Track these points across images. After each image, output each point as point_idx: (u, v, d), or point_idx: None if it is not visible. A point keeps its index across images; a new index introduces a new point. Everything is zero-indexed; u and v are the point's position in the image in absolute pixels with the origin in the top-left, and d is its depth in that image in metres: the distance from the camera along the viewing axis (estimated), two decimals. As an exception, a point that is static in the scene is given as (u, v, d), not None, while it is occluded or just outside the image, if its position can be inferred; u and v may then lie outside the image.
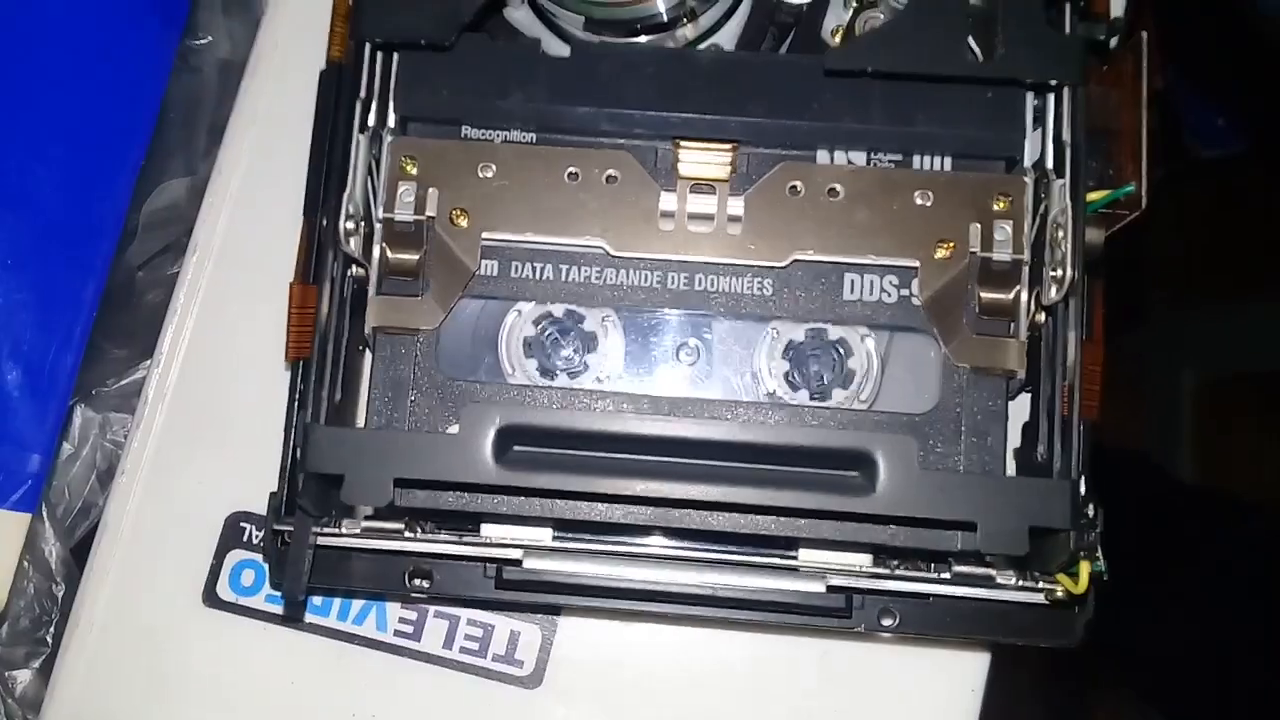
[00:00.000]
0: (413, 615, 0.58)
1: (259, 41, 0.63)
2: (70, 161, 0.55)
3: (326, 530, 0.50)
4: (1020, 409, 0.51)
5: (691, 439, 0.46)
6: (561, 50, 0.52)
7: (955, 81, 0.48)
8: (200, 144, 0.64)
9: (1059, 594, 0.49)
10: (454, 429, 0.46)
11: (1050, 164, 0.49)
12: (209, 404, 0.60)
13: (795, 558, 0.50)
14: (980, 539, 0.44)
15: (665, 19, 0.53)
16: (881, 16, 0.51)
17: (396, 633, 0.58)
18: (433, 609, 0.58)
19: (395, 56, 0.51)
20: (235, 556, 0.59)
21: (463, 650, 0.58)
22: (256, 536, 0.59)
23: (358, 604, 0.58)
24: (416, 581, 0.52)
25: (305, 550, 0.48)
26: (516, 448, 0.46)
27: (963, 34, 0.48)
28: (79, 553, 0.64)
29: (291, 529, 0.48)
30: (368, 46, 0.49)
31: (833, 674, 0.57)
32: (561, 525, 0.50)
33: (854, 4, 0.53)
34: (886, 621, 0.51)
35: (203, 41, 0.66)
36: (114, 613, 0.59)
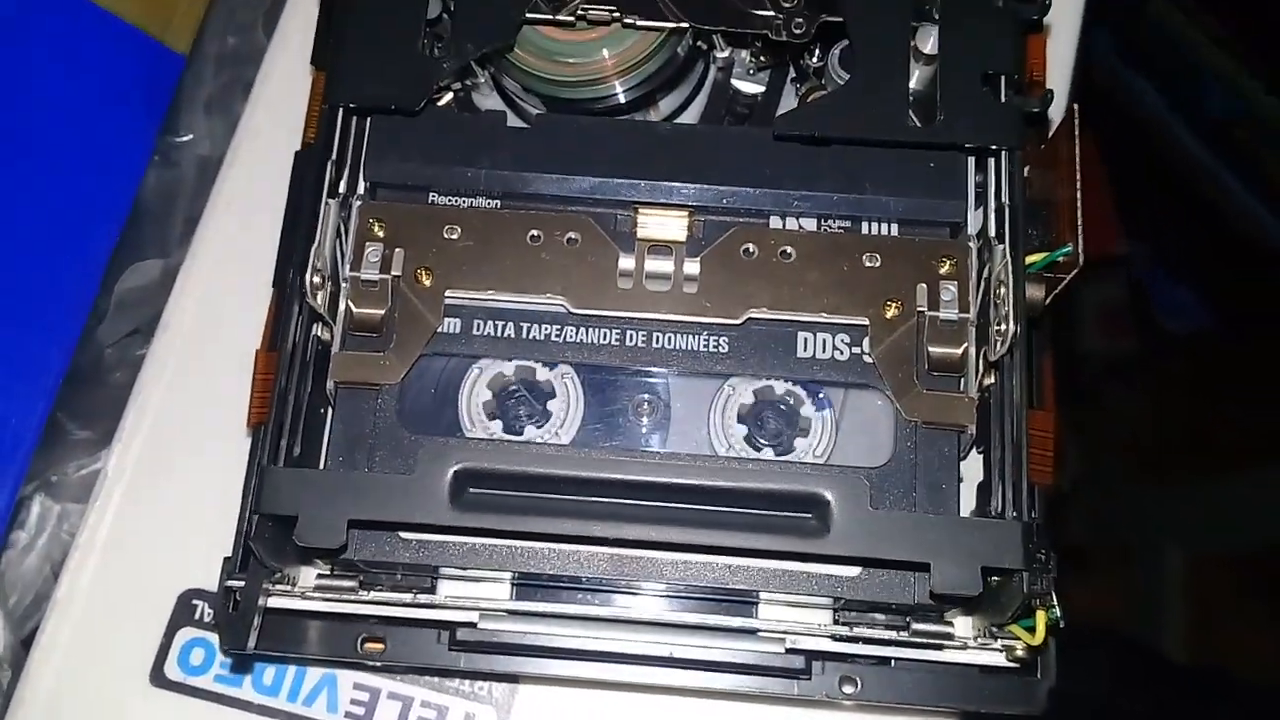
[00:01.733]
0: (365, 696, 0.57)
1: (238, 133, 0.66)
2: (46, 237, 0.57)
3: (279, 588, 0.49)
4: (975, 473, 0.52)
5: (647, 482, 0.46)
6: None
7: (897, 146, 0.51)
8: (175, 233, 0.66)
9: (1019, 651, 0.48)
10: (412, 477, 0.46)
11: (993, 232, 0.51)
12: (169, 481, 0.60)
13: (754, 617, 0.50)
14: (934, 579, 0.44)
15: (623, 101, 0.55)
16: (829, 94, 0.54)
17: (348, 714, 0.56)
18: (386, 689, 0.57)
19: (367, 124, 0.53)
20: (186, 634, 0.58)
21: (416, 732, 0.56)
22: (209, 614, 0.58)
23: (309, 683, 0.57)
24: (369, 648, 0.51)
25: (255, 602, 0.47)
26: (473, 490, 0.46)
27: (903, 103, 0.50)
28: (29, 645, 0.63)
29: (243, 584, 0.48)
30: (340, 112, 0.51)
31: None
32: (519, 581, 0.50)
33: (803, 89, 0.56)
34: (848, 689, 0.51)
35: (184, 139, 0.69)
36: (59, 690, 0.57)
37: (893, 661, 0.51)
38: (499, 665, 0.51)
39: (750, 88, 0.58)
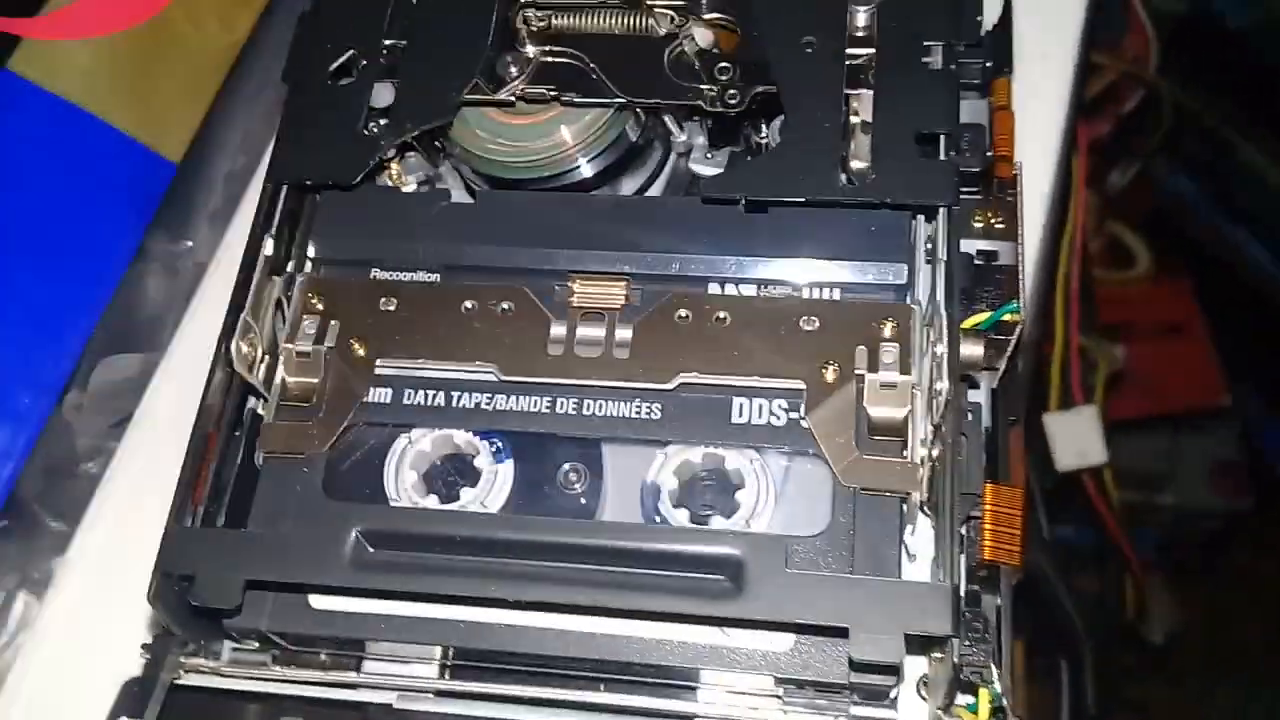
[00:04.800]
0: (299, 793, 0.54)
1: (226, 237, 0.68)
2: (20, 323, 0.59)
3: (194, 661, 0.48)
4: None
5: (544, 543, 0.44)
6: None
7: (824, 205, 0.49)
8: (167, 336, 0.67)
9: (974, 744, 0.44)
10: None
11: (941, 295, 0.49)
12: (130, 571, 0.59)
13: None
14: (853, 646, 0.41)
15: (589, 175, 0.55)
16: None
17: (280, 812, 0.53)
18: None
19: (313, 201, 0.54)
20: (126, 724, 0.56)
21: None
22: (154, 704, 0.56)
23: (243, 778, 0.54)
24: (288, 734, 0.49)
25: (159, 669, 0.46)
26: (375, 552, 0.45)
27: (832, 162, 0.49)
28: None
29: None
30: (284, 191, 0.53)
31: None
32: (450, 662, 0.48)
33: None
34: (793, 787, 0.46)
35: (185, 245, 0.71)
36: (-9, 782, 0.56)
37: (845, 758, 0.46)
38: (417, 754, 0.48)
39: (708, 170, 0.58)
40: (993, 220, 0.52)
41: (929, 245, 0.51)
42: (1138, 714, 1.36)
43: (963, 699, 0.44)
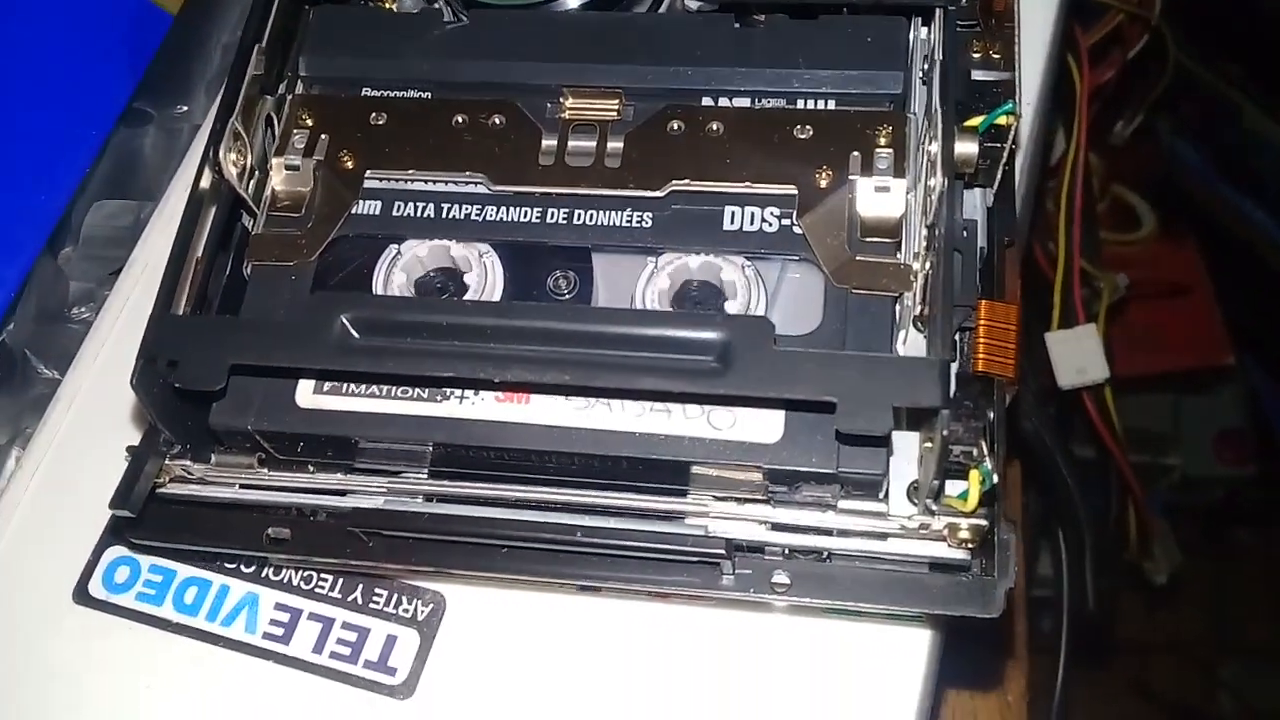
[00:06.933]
0: (285, 617, 0.53)
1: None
2: (13, 152, 0.58)
3: (178, 463, 0.48)
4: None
5: (541, 328, 0.43)
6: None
7: (820, 8, 0.49)
8: (162, 188, 0.67)
9: (964, 531, 0.43)
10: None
11: (936, 98, 0.48)
12: (118, 409, 0.60)
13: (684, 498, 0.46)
14: (839, 417, 0.40)
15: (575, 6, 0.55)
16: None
17: (266, 635, 0.53)
18: (307, 610, 0.54)
19: (305, 20, 0.54)
20: (114, 553, 0.56)
21: (333, 655, 0.52)
22: (141, 535, 0.56)
23: (230, 602, 0.54)
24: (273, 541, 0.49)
25: (144, 462, 0.46)
26: (361, 339, 0.44)
27: (830, -30, 0.49)
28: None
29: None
30: (277, 1, 0.52)
31: (761, 664, 0.50)
32: (437, 465, 0.48)
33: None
34: (779, 588, 0.46)
35: (182, 110, 0.71)
36: (-19, 605, 0.56)
37: (827, 555, 0.46)
38: (402, 555, 0.48)
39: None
40: (990, 50, 0.52)
41: (925, 64, 0.51)
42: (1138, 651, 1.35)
43: (954, 489, 0.44)
